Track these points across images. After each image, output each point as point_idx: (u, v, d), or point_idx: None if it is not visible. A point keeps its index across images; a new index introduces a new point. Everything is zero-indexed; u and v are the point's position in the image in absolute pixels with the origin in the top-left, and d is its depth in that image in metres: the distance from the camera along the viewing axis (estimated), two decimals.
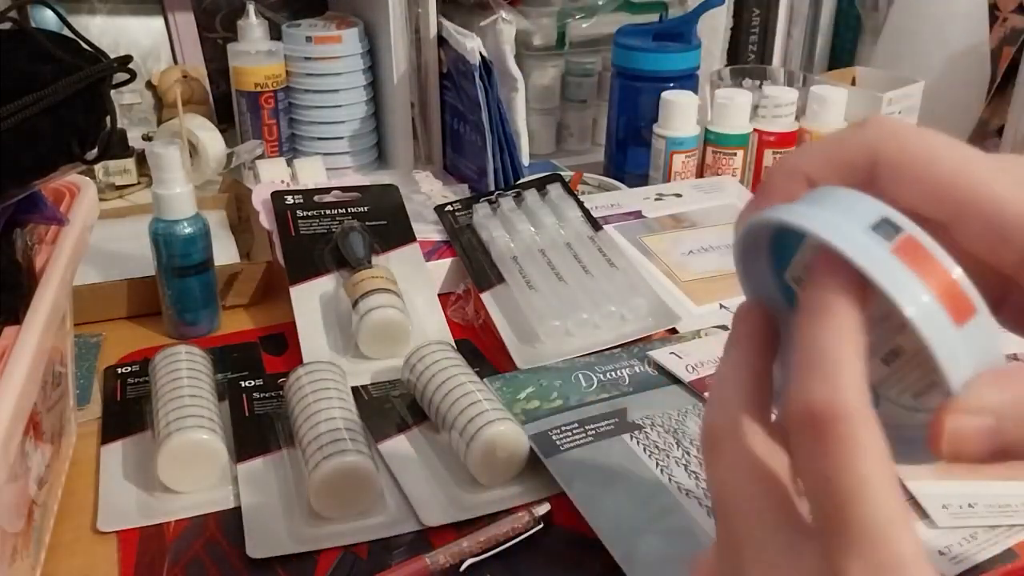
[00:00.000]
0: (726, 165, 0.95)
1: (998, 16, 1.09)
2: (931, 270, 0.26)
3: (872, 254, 0.26)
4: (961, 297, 0.26)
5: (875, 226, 0.27)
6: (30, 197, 0.52)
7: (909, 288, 0.26)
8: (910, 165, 0.28)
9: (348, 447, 0.54)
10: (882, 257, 0.26)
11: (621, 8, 1.07)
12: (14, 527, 0.45)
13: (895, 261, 0.26)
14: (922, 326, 0.26)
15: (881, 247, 0.26)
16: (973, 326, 0.26)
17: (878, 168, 0.29)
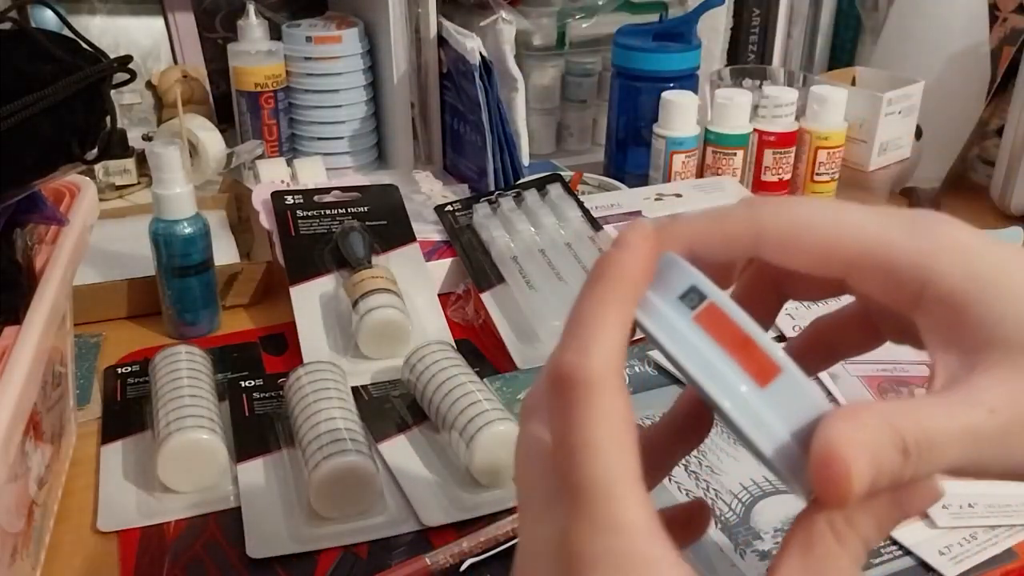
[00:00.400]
0: (726, 165, 0.95)
1: (998, 16, 1.09)
2: (730, 336, 0.26)
3: (672, 324, 0.27)
4: (762, 359, 0.26)
5: (683, 295, 0.27)
6: (30, 197, 0.52)
7: (706, 358, 0.26)
8: (794, 235, 0.29)
9: (348, 447, 0.54)
10: (682, 327, 0.27)
11: (621, 8, 1.07)
12: (14, 527, 0.45)
13: (695, 330, 0.27)
14: (719, 395, 0.26)
15: (683, 316, 0.27)
16: (779, 385, 0.26)
17: (762, 241, 0.30)
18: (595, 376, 0.25)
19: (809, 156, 0.95)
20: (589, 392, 0.25)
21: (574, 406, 0.25)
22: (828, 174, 0.95)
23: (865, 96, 0.96)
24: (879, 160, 0.99)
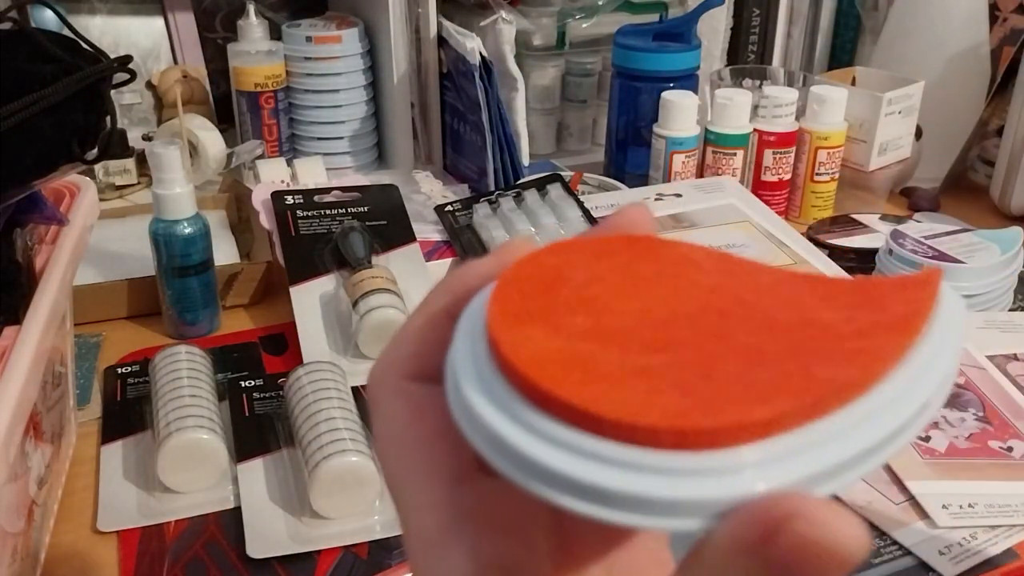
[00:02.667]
0: (726, 165, 0.95)
1: (998, 16, 1.09)
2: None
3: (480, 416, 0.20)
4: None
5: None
6: (30, 197, 0.52)
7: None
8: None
9: (348, 447, 0.54)
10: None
11: (621, 8, 1.07)
12: (14, 527, 0.45)
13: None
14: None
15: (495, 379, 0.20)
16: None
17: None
18: (373, 382, 0.25)
19: (809, 156, 0.95)
20: (370, 398, 0.26)
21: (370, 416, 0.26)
22: (828, 174, 0.95)
23: (865, 96, 0.96)
24: (879, 160, 0.99)
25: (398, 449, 0.24)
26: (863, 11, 1.20)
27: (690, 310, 0.21)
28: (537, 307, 0.22)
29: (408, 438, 0.24)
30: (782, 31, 1.18)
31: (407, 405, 0.24)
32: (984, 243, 0.77)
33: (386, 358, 0.25)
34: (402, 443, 0.24)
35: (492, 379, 0.20)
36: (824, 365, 0.19)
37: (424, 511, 0.23)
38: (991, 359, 0.69)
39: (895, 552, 0.51)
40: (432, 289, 0.26)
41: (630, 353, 0.20)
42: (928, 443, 0.59)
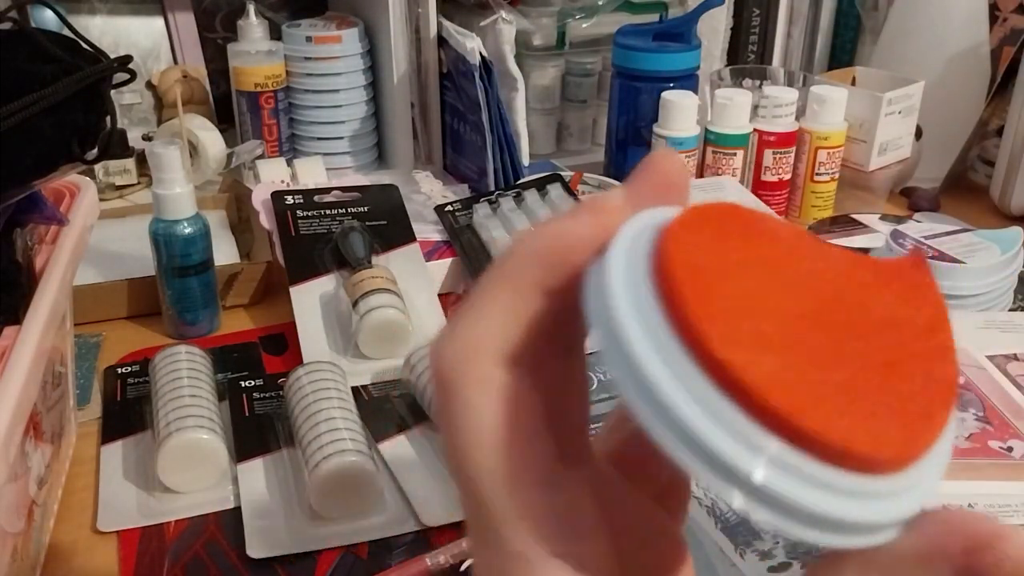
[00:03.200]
0: (726, 165, 0.95)
1: (998, 16, 1.09)
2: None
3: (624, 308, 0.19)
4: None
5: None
6: (30, 197, 0.52)
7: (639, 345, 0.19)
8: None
9: (348, 447, 0.54)
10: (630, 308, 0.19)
11: (621, 8, 1.07)
12: (14, 527, 0.45)
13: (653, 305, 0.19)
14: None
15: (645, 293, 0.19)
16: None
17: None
18: (449, 369, 0.21)
19: (809, 156, 0.95)
20: (445, 386, 0.21)
21: (440, 404, 0.22)
22: (828, 174, 0.95)
23: (865, 96, 0.96)
24: (879, 160, 0.99)
25: (487, 450, 0.21)
26: (863, 11, 1.20)
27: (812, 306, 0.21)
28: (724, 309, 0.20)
29: (501, 437, 0.21)
30: (782, 31, 1.18)
31: (499, 398, 0.21)
32: (984, 243, 0.77)
33: (467, 337, 0.21)
34: (493, 443, 0.21)
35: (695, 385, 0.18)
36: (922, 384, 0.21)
37: (521, 526, 0.20)
38: (991, 359, 0.69)
39: None
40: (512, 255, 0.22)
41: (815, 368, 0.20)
42: None
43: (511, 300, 0.21)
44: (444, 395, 0.21)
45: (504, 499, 0.21)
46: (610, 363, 0.19)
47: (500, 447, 0.21)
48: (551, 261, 0.21)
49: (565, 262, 0.21)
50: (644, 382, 0.18)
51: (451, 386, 0.21)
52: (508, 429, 0.21)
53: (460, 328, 0.21)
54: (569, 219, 0.22)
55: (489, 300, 0.21)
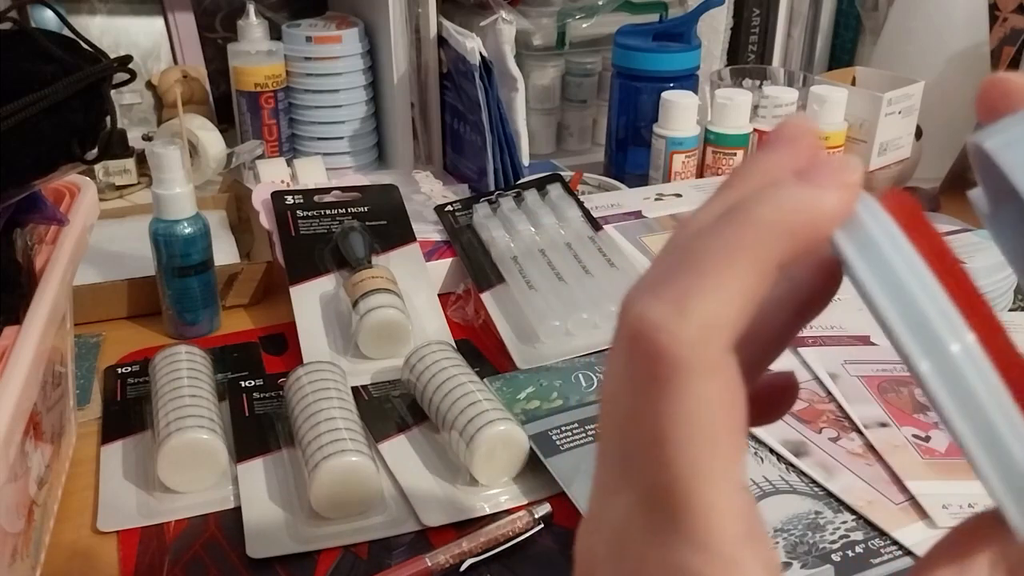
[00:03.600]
0: (726, 165, 0.95)
1: (998, 16, 1.09)
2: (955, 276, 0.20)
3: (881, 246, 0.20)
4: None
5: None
6: (30, 197, 0.52)
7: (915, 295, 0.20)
8: None
9: (348, 447, 0.54)
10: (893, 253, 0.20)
11: (621, 8, 1.07)
12: (14, 527, 0.45)
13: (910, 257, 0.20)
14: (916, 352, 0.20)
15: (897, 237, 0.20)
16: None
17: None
18: (687, 351, 0.19)
19: None
20: (675, 371, 0.19)
21: (652, 384, 0.19)
22: None
23: (865, 96, 0.96)
24: (879, 160, 0.99)
25: (708, 448, 0.19)
26: (863, 11, 1.20)
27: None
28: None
29: (724, 435, 0.19)
30: (782, 31, 1.18)
31: (728, 387, 0.19)
32: (984, 243, 0.77)
33: (704, 315, 0.19)
34: (716, 441, 0.19)
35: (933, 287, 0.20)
36: None
37: (731, 522, 0.19)
38: None
39: (895, 552, 0.51)
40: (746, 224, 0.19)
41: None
42: (928, 443, 0.59)
43: (751, 276, 0.19)
44: (667, 378, 0.19)
45: (715, 498, 0.19)
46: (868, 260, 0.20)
47: (717, 444, 0.19)
48: (803, 238, 0.19)
49: (813, 242, 0.20)
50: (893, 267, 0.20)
51: (680, 371, 0.19)
52: (727, 426, 0.20)
53: (695, 303, 0.19)
54: (813, 190, 0.20)
55: (726, 273, 0.19)
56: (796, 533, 0.52)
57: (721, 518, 0.19)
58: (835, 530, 0.53)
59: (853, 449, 0.59)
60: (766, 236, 0.19)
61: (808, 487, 0.56)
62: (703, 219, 0.21)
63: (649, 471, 0.20)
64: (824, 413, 0.62)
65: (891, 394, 0.64)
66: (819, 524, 0.53)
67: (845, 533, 0.52)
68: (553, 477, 0.56)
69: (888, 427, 0.61)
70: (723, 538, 0.19)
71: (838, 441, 0.60)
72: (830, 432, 0.60)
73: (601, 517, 0.22)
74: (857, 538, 0.52)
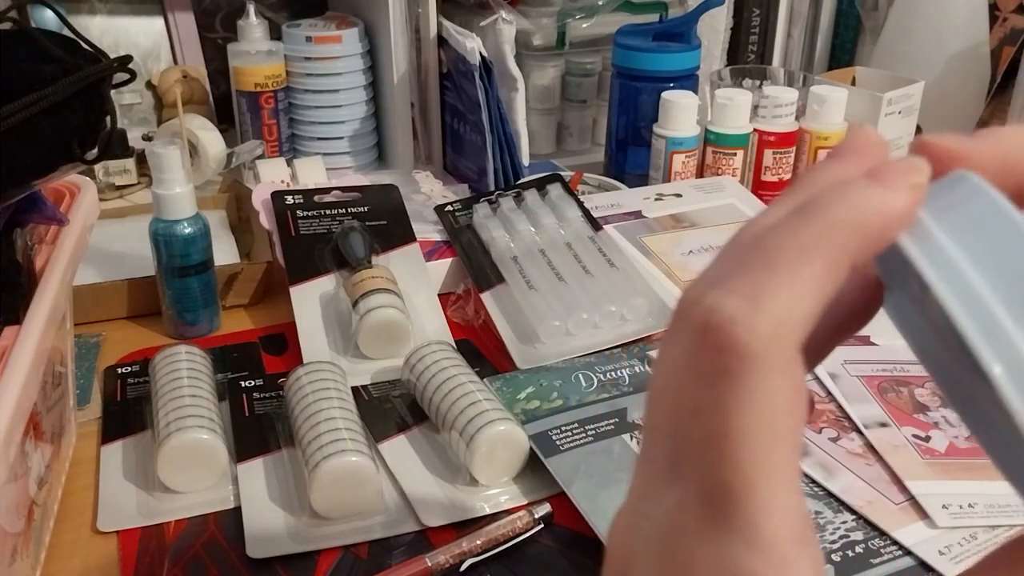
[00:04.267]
0: (726, 165, 0.95)
1: (998, 16, 1.09)
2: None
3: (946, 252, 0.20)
4: None
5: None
6: (30, 197, 0.52)
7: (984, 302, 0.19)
8: None
9: (348, 447, 0.54)
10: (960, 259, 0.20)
11: (621, 8, 1.07)
12: (14, 527, 0.45)
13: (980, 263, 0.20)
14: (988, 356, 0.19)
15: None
16: None
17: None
18: (759, 345, 0.19)
19: (809, 156, 0.95)
20: (746, 366, 0.19)
21: (720, 377, 0.19)
22: None
23: (865, 96, 0.96)
24: None
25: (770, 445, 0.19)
26: (863, 11, 1.20)
27: None
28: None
29: (786, 433, 0.19)
30: (782, 31, 1.18)
31: (793, 387, 0.19)
32: None
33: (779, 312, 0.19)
34: (778, 439, 0.19)
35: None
36: None
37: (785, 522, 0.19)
38: None
39: (895, 552, 0.51)
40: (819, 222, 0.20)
41: None
42: (928, 443, 0.59)
43: (825, 275, 0.19)
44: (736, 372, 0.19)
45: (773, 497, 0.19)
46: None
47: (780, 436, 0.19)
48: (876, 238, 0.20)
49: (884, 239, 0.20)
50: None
51: (751, 366, 0.19)
52: (790, 426, 0.20)
53: (770, 298, 0.19)
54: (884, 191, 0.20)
55: (801, 270, 0.19)
56: None
57: (779, 518, 0.19)
58: (835, 530, 0.53)
59: (853, 449, 0.59)
60: (841, 234, 0.19)
61: (808, 487, 0.56)
62: (772, 218, 0.21)
63: (708, 465, 0.20)
64: (824, 413, 0.62)
65: (891, 394, 0.64)
66: (819, 524, 0.53)
67: (845, 533, 0.52)
68: (553, 477, 0.56)
69: (888, 427, 0.61)
70: (779, 538, 0.19)
71: (838, 441, 0.60)
72: (830, 432, 0.60)
73: (644, 513, 0.22)
74: (857, 538, 0.52)
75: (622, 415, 0.61)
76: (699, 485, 0.20)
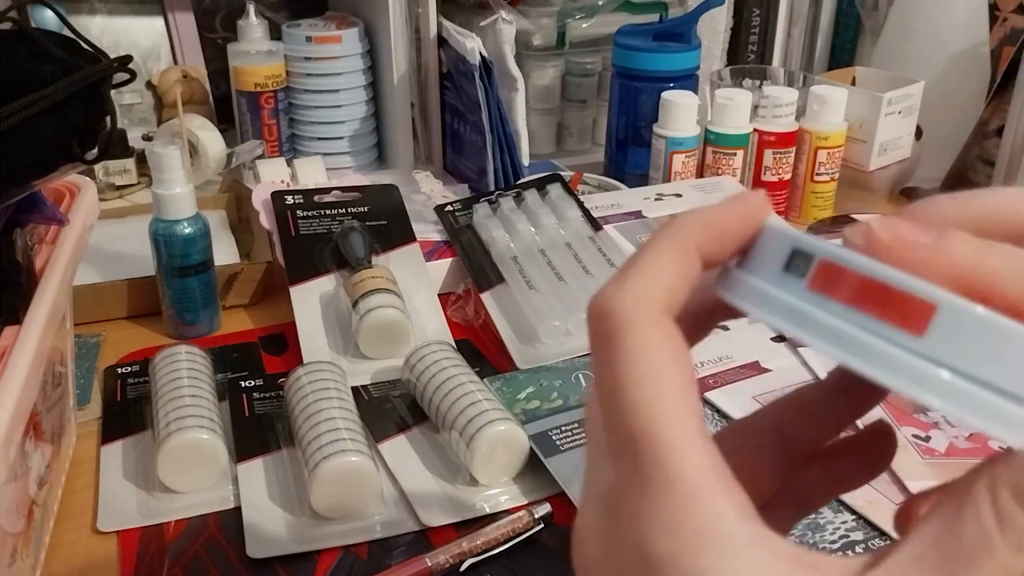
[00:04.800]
0: (726, 165, 0.95)
1: (998, 16, 1.09)
2: (857, 290, 0.21)
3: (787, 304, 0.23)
4: (908, 300, 0.21)
5: (787, 264, 0.23)
6: (30, 197, 0.52)
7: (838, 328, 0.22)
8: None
9: (348, 447, 0.54)
10: (798, 303, 0.23)
11: (621, 8, 1.07)
12: (14, 527, 0.45)
13: (815, 300, 0.22)
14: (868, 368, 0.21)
15: (795, 289, 0.23)
16: (938, 327, 0.20)
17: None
18: (627, 310, 0.23)
19: (809, 156, 0.95)
20: (619, 328, 0.23)
21: (605, 343, 0.23)
22: (828, 174, 0.95)
23: (865, 96, 0.96)
24: (879, 160, 0.99)
25: (657, 386, 0.22)
26: (863, 11, 1.20)
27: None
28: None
29: (671, 376, 0.22)
30: (782, 31, 1.18)
31: (669, 342, 0.23)
32: None
33: (638, 286, 0.23)
34: (664, 381, 0.22)
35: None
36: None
37: (689, 454, 0.21)
38: None
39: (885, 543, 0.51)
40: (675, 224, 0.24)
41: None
42: (928, 443, 0.59)
43: (677, 257, 0.24)
44: (614, 335, 0.23)
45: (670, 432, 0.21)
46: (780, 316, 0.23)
47: (671, 384, 0.22)
48: (712, 233, 0.24)
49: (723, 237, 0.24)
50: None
51: (623, 327, 0.23)
52: (678, 370, 0.22)
53: (632, 278, 0.23)
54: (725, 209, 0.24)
55: (657, 256, 0.24)
56: (796, 533, 0.52)
57: (680, 453, 0.21)
58: (835, 530, 0.53)
59: None
60: (686, 228, 0.24)
61: None
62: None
63: (615, 419, 0.22)
64: None
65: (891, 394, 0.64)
66: (819, 524, 0.53)
67: (845, 533, 0.52)
68: (553, 477, 0.56)
69: None
70: (685, 469, 0.21)
71: None
72: None
73: (591, 497, 0.24)
74: (857, 538, 0.52)
75: None
76: (616, 442, 0.22)
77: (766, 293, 0.23)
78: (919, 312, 0.21)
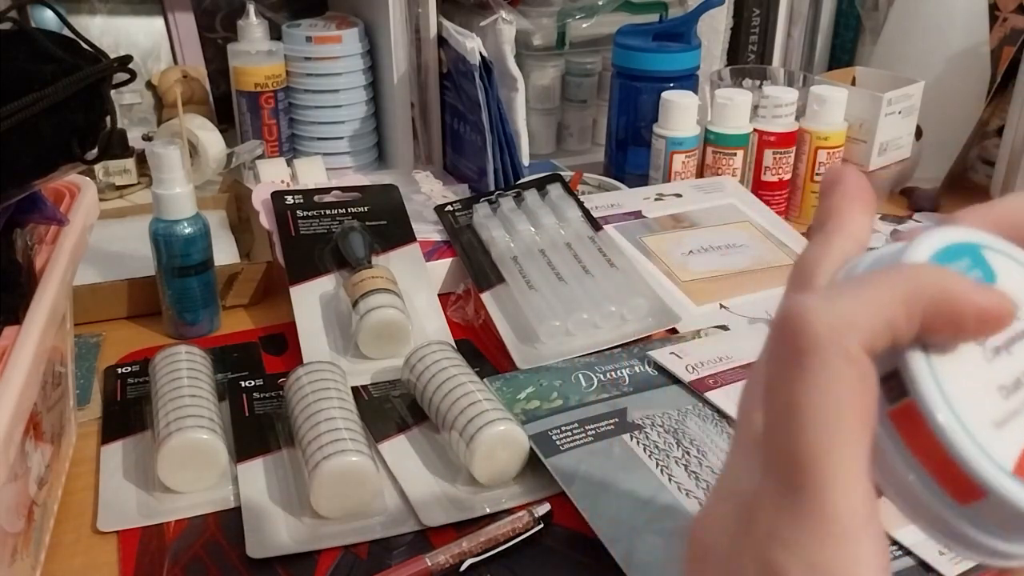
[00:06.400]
0: (726, 165, 0.95)
1: (998, 16, 1.09)
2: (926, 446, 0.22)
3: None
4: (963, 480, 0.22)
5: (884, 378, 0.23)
6: (30, 197, 0.52)
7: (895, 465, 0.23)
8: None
9: (348, 447, 0.54)
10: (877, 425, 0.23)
11: (621, 8, 1.07)
12: (14, 527, 0.45)
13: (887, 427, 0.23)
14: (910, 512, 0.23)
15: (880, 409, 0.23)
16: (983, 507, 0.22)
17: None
18: (831, 333, 0.22)
19: (809, 156, 0.95)
20: (815, 347, 0.22)
21: (795, 356, 0.22)
22: None
23: (865, 96, 0.96)
24: (879, 160, 0.99)
25: (838, 421, 0.21)
26: (863, 11, 1.20)
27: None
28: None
29: (854, 411, 0.22)
30: (782, 31, 1.18)
31: (861, 377, 0.22)
32: None
33: (848, 312, 0.22)
34: (845, 414, 0.21)
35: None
36: None
37: (850, 497, 0.21)
38: None
39: (895, 552, 0.51)
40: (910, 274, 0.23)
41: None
42: None
43: (890, 304, 0.22)
44: (808, 352, 0.22)
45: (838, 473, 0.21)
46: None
47: (851, 418, 0.22)
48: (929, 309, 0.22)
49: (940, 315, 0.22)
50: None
51: (820, 348, 0.22)
52: (861, 405, 0.22)
53: (846, 301, 0.22)
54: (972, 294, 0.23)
55: (882, 293, 0.22)
56: None
57: (842, 493, 0.21)
58: None
59: None
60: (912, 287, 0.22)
61: None
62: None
63: (781, 439, 0.22)
64: None
65: None
66: None
67: None
68: (553, 477, 0.56)
69: None
70: (842, 511, 0.21)
71: None
72: None
73: (733, 492, 0.24)
74: None
75: (622, 415, 0.61)
76: (775, 458, 0.22)
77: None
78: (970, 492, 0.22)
